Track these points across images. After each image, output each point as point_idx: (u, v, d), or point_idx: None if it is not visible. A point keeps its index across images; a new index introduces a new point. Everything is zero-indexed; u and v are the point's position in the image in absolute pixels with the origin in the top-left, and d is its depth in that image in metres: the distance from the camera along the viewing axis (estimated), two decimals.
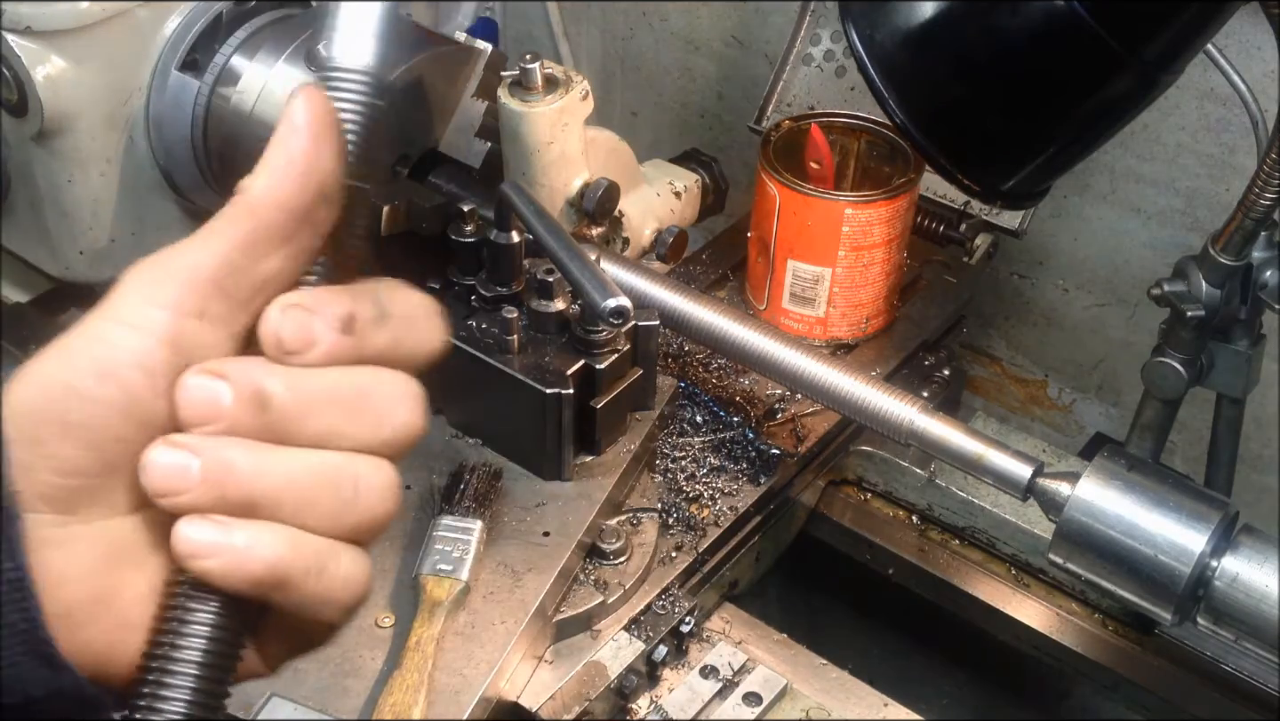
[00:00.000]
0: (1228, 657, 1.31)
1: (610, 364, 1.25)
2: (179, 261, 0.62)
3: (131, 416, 0.56)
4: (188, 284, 0.61)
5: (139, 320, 0.59)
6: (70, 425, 0.55)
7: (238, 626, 0.56)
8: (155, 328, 0.58)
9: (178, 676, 0.55)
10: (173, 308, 0.59)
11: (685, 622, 1.22)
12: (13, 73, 1.36)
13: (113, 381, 0.56)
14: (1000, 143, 1.18)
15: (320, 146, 0.60)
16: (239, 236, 0.62)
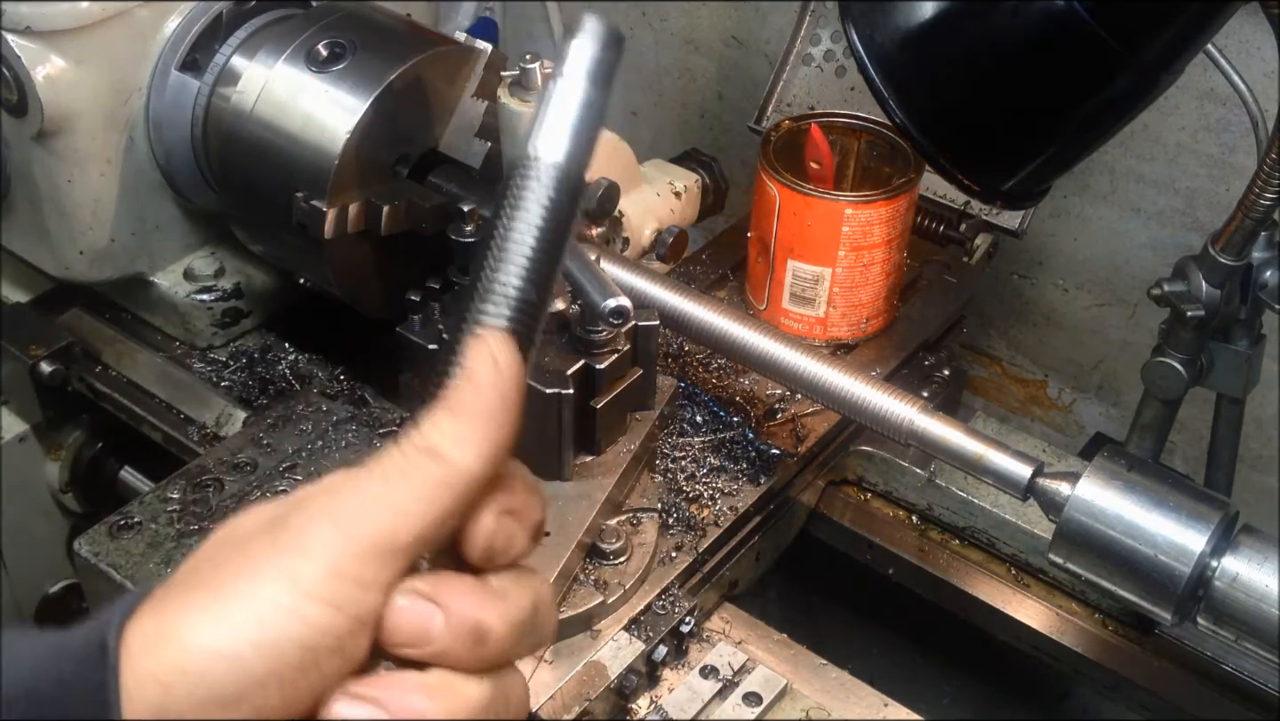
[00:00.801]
0: (1228, 657, 1.30)
1: (610, 364, 1.25)
2: (369, 525, 0.57)
3: (295, 690, 0.54)
4: (381, 556, 0.56)
5: (327, 594, 0.55)
6: (226, 702, 0.53)
7: None
8: (347, 604, 0.55)
9: None
10: (368, 585, 0.56)
11: (685, 622, 1.22)
12: (13, 73, 1.36)
13: (286, 657, 0.54)
14: (1000, 143, 1.18)
15: (512, 410, 0.60)
16: (437, 513, 0.58)
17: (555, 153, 0.63)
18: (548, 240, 0.63)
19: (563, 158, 0.63)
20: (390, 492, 0.57)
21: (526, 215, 0.63)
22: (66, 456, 1.61)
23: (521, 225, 0.63)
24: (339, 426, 1.38)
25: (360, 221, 1.36)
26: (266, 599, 0.54)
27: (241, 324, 1.58)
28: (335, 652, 0.55)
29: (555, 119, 0.63)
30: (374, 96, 1.33)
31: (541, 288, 0.63)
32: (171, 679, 0.53)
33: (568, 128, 0.63)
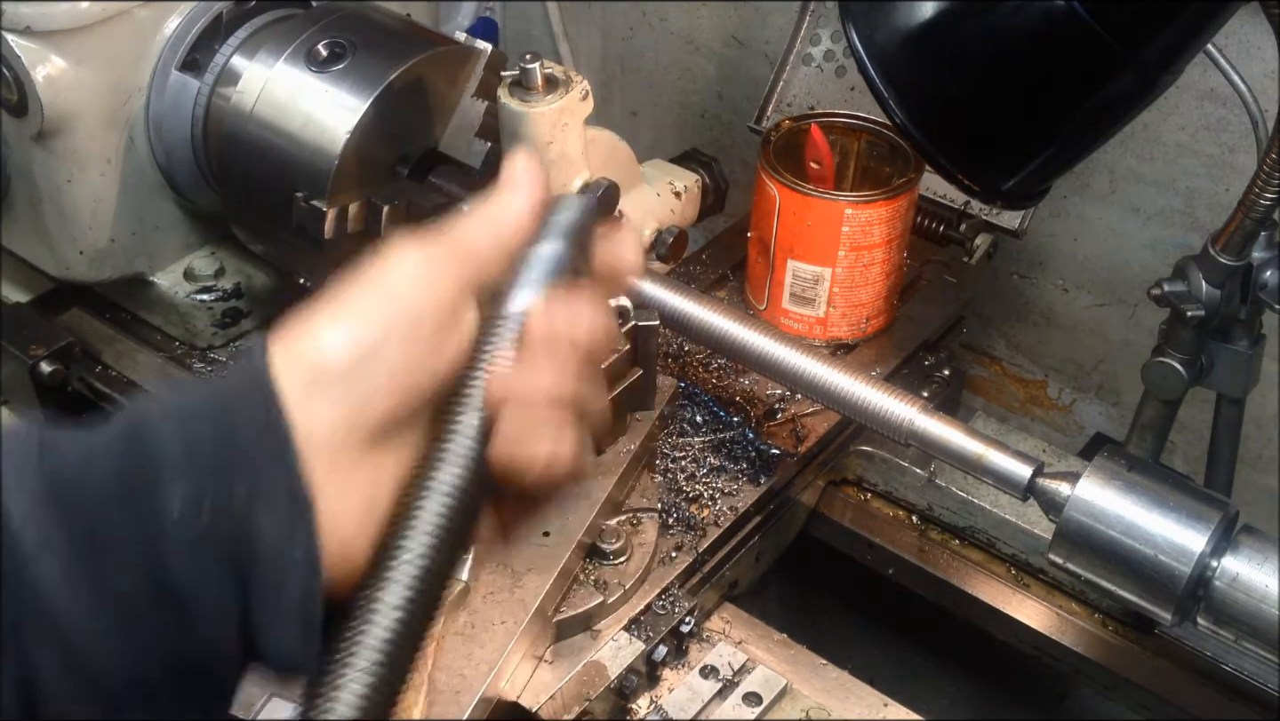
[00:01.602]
0: (1228, 657, 1.30)
1: (610, 364, 1.24)
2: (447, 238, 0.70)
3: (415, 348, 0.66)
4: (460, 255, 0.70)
5: (423, 277, 0.68)
6: (361, 358, 0.65)
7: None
8: (439, 284, 0.68)
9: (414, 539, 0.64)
10: (454, 272, 0.68)
11: (685, 622, 1.22)
12: (13, 73, 1.36)
13: (399, 328, 0.66)
14: (1000, 143, 1.18)
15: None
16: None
17: (518, 306, 0.70)
18: None
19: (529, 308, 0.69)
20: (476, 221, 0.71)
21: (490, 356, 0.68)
22: None
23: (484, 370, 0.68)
24: None
25: (360, 221, 1.36)
26: (377, 296, 0.67)
27: (241, 324, 1.58)
28: (446, 314, 0.67)
29: (529, 277, 0.71)
30: (374, 96, 1.33)
31: None
32: (312, 377, 0.64)
33: (537, 284, 0.70)
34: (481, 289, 0.69)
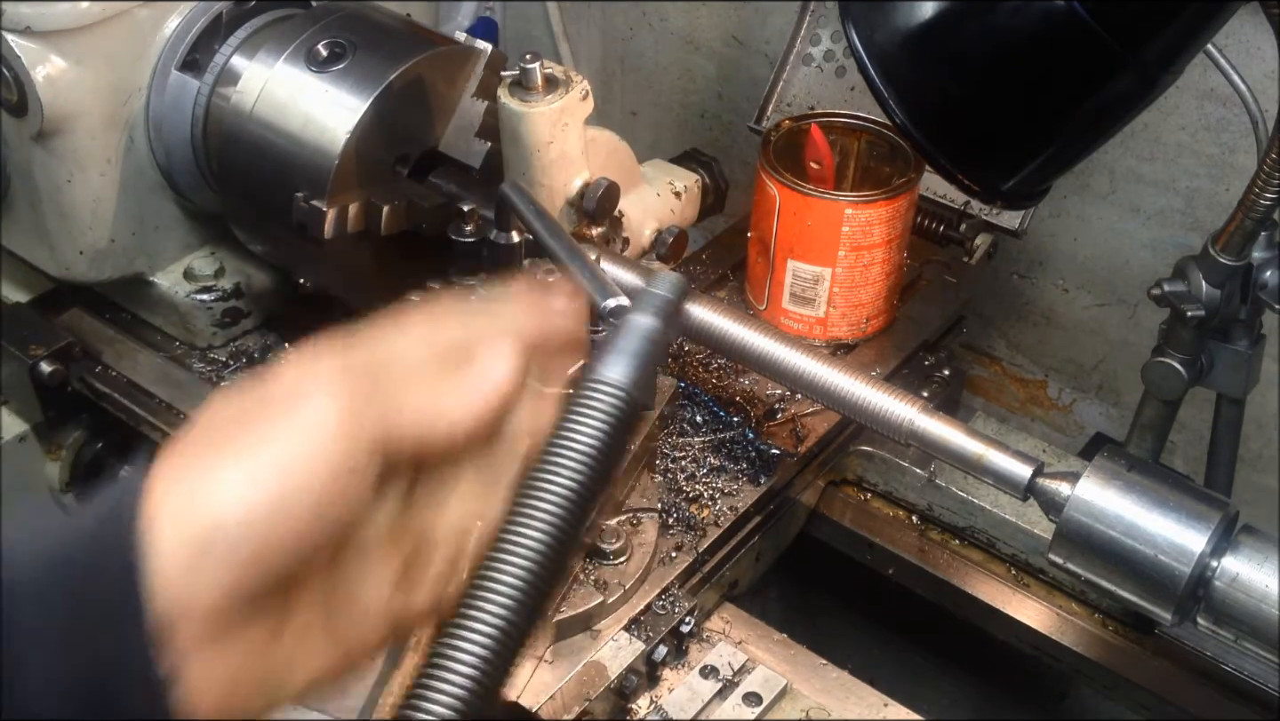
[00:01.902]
0: (1228, 657, 1.30)
1: None
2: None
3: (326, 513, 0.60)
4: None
5: (338, 431, 0.60)
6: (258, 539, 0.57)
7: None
8: (358, 440, 0.61)
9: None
10: (372, 422, 0.62)
11: (685, 622, 1.22)
12: (13, 73, 1.36)
13: (307, 494, 0.59)
14: (1000, 143, 1.18)
15: None
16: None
17: (616, 374, 0.71)
18: (604, 455, 0.69)
19: (624, 380, 0.71)
20: (412, 393, 0.64)
21: (586, 429, 0.69)
22: (66, 456, 1.61)
23: (580, 439, 0.69)
24: None
25: (360, 221, 1.36)
26: (285, 444, 0.59)
27: (241, 324, 1.58)
28: (355, 474, 0.60)
29: (625, 346, 0.72)
30: (374, 96, 1.33)
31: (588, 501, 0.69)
32: (205, 535, 0.56)
33: (632, 355, 0.72)
34: (394, 453, 0.63)
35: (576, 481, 0.67)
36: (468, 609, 0.64)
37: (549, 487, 0.67)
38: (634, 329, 0.73)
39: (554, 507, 0.66)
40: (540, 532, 0.65)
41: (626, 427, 0.71)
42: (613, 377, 0.70)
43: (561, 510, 0.66)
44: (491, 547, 0.66)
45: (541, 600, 0.65)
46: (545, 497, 0.66)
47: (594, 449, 0.68)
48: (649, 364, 0.72)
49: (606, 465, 0.69)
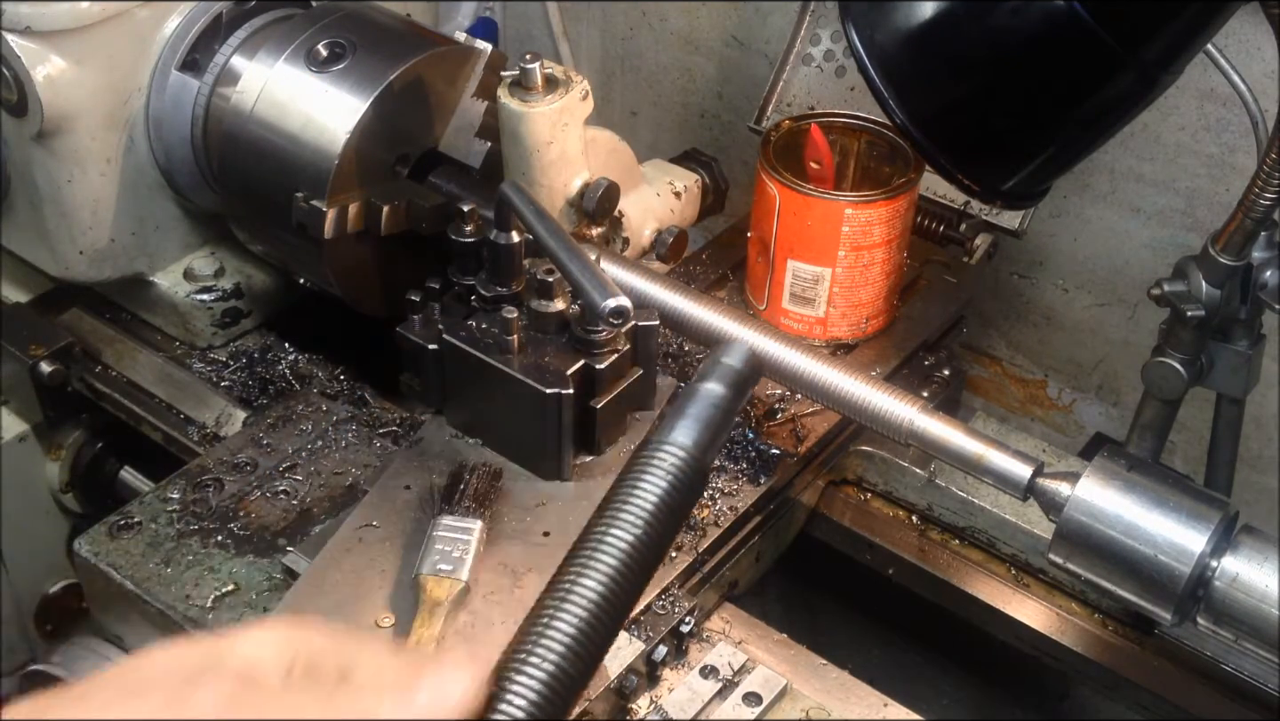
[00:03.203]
0: (1228, 657, 1.30)
1: (610, 364, 1.25)
2: None
3: None
4: None
5: None
6: None
7: None
8: None
9: None
10: None
11: (685, 622, 1.22)
12: (13, 73, 1.36)
13: None
14: (1000, 143, 1.18)
15: None
16: None
17: (687, 438, 0.74)
18: (666, 521, 0.71)
19: (692, 445, 0.73)
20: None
21: (649, 492, 0.71)
22: (66, 456, 1.61)
23: (642, 501, 0.71)
24: (339, 426, 1.38)
25: (360, 221, 1.36)
26: None
27: (241, 324, 1.58)
28: None
29: (693, 411, 0.75)
30: (374, 96, 1.33)
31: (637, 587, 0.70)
32: None
33: (700, 420, 0.75)
34: None
35: (637, 538, 0.69)
36: (527, 653, 0.65)
37: (611, 544, 0.68)
38: (703, 396, 0.77)
39: (614, 562, 0.68)
40: (601, 585, 0.67)
41: (690, 488, 0.73)
42: (679, 440, 0.73)
43: (621, 567, 0.68)
44: (551, 599, 0.66)
45: (598, 652, 0.67)
46: (606, 553, 0.68)
47: (656, 507, 0.70)
48: (715, 431, 0.75)
49: (670, 523, 0.71)
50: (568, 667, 0.65)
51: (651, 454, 0.73)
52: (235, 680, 0.60)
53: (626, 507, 0.70)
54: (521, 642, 0.66)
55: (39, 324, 1.56)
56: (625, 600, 0.69)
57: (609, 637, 0.68)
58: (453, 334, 1.27)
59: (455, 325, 1.27)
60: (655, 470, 0.72)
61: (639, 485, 0.71)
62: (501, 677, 0.65)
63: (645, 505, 0.71)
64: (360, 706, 0.60)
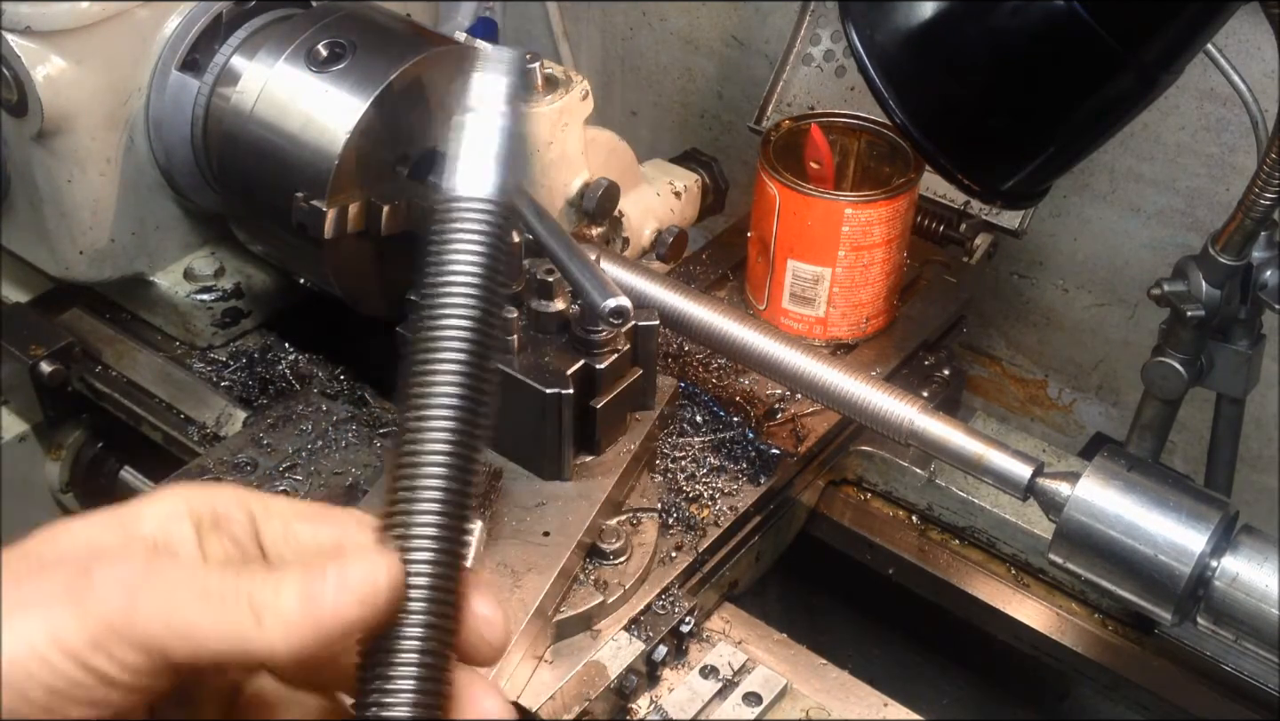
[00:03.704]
0: (1228, 657, 1.30)
1: (610, 364, 1.25)
2: (156, 625, 0.58)
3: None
4: (150, 656, 0.58)
5: (80, 657, 0.57)
6: None
7: None
8: (94, 673, 0.57)
9: None
10: (123, 667, 0.58)
11: (685, 622, 1.22)
12: (13, 73, 1.36)
13: (30, 695, 0.57)
14: (1000, 143, 1.18)
15: (357, 631, 0.61)
16: (224, 656, 0.59)
17: (485, 187, 0.63)
18: (489, 288, 0.62)
19: (494, 190, 0.63)
20: (196, 610, 0.57)
21: (464, 261, 0.62)
22: (66, 456, 1.61)
23: (461, 277, 0.62)
24: (339, 426, 1.38)
25: (360, 221, 1.36)
26: (29, 636, 0.56)
27: (241, 324, 1.58)
28: (78, 705, 0.57)
29: (479, 152, 0.63)
30: (374, 96, 1.33)
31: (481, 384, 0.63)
32: None
33: (494, 159, 0.63)
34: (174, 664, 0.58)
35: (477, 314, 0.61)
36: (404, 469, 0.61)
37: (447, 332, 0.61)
38: (487, 128, 0.64)
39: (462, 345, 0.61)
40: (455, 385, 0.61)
41: (507, 247, 0.64)
42: (482, 191, 0.62)
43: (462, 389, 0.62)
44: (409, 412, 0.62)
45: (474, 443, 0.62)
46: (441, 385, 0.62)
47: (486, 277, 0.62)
48: (517, 166, 0.64)
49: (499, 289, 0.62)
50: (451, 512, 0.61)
51: (452, 219, 0.62)
52: (144, 555, 0.59)
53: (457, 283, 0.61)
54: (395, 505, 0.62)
55: (39, 324, 1.56)
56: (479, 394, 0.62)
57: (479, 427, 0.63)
58: None
59: None
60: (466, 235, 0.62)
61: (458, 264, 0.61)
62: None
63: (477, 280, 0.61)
64: (269, 590, 0.58)
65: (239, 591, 0.58)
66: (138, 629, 0.56)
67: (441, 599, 0.62)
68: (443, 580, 0.62)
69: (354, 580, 0.59)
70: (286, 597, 0.58)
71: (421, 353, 0.63)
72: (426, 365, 0.63)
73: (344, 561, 0.60)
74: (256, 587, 0.58)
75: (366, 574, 0.59)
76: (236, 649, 0.58)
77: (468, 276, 0.62)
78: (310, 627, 0.58)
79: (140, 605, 0.56)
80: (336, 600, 0.58)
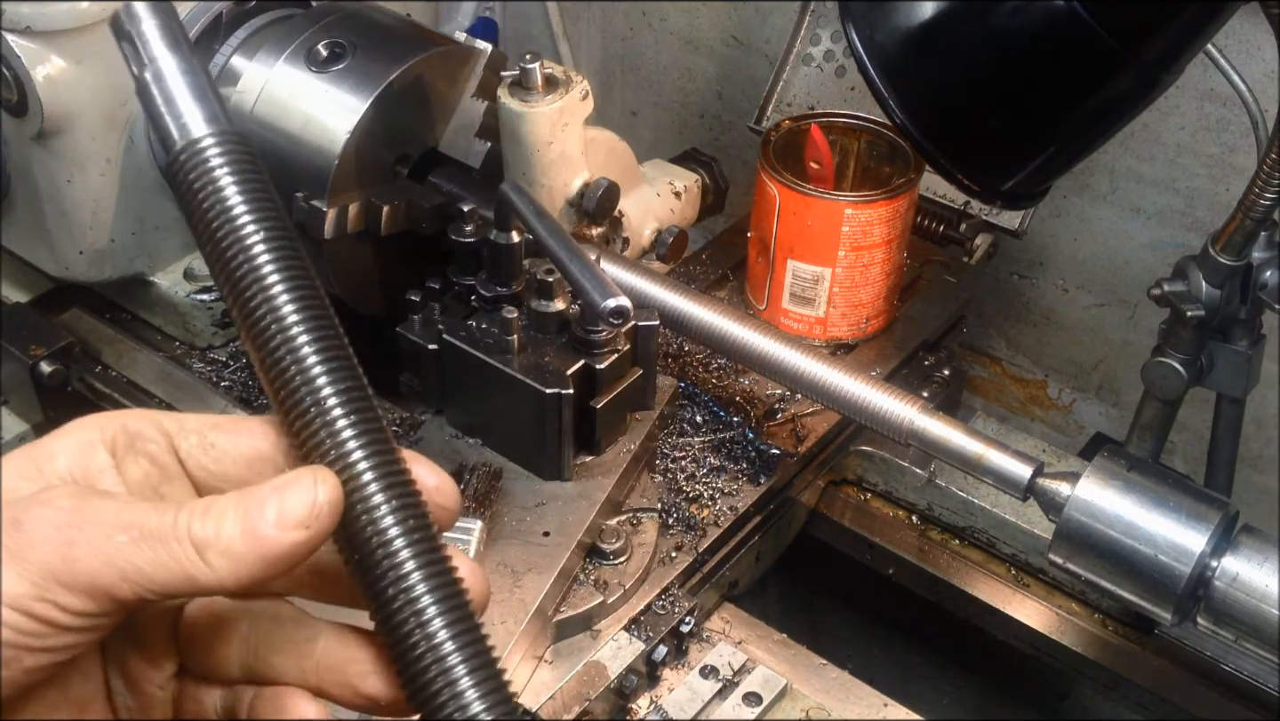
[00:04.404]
0: (1228, 657, 1.31)
1: (610, 364, 1.25)
2: (96, 568, 0.57)
3: None
4: (96, 599, 0.57)
5: (24, 607, 0.56)
6: None
7: None
8: (42, 622, 0.57)
9: None
10: (70, 613, 0.57)
11: (685, 622, 1.22)
12: (13, 73, 1.36)
13: None
14: (1000, 143, 1.18)
15: (299, 560, 0.59)
16: (168, 591, 0.58)
17: (199, 127, 0.59)
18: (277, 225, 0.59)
19: (209, 128, 0.59)
20: (137, 552, 0.56)
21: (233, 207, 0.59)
22: None
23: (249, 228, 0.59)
24: None
25: (360, 221, 1.36)
26: None
27: None
28: (31, 654, 0.56)
29: (177, 100, 0.60)
30: (374, 96, 1.33)
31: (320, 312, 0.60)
32: None
33: (192, 100, 0.60)
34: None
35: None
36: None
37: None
38: (170, 77, 0.60)
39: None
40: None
41: (262, 174, 0.60)
42: (199, 132, 0.59)
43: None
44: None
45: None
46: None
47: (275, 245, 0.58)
48: (211, 97, 0.60)
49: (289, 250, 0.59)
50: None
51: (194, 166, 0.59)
52: (71, 496, 0.57)
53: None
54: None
55: (39, 324, 1.56)
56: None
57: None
58: (453, 334, 1.27)
59: (455, 325, 1.27)
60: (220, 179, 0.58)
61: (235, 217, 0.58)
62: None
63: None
64: (210, 525, 0.57)
65: (178, 528, 0.57)
66: (80, 575, 0.55)
67: (399, 487, 0.60)
68: (387, 468, 0.60)
69: (293, 506, 0.57)
70: (228, 531, 0.57)
71: (238, 287, 0.59)
72: (250, 292, 0.59)
73: (281, 487, 0.58)
74: (196, 522, 0.57)
75: (304, 497, 0.58)
76: (183, 586, 0.57)
77: (237, 204, 0.59)
78: (256, 559, 0.57)
79: (79, 551, 0.55)
80: (280, 528, 0.57)
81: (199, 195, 0.59)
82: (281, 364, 0.59)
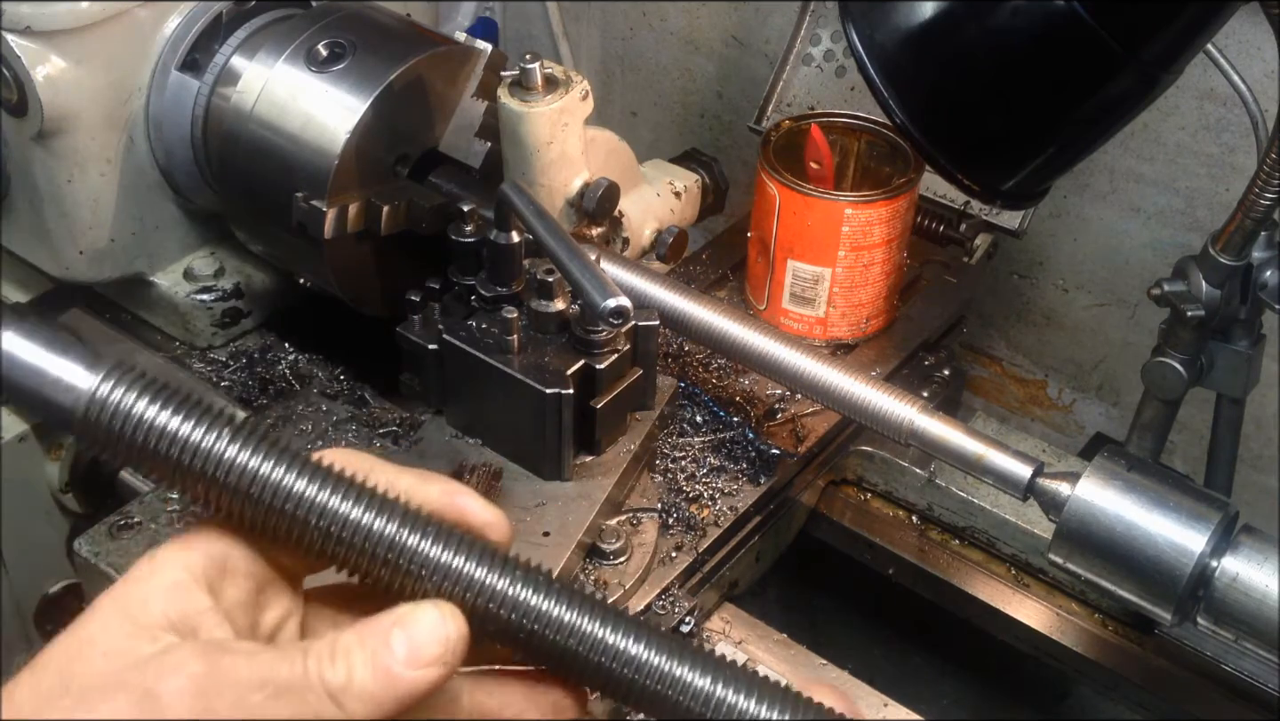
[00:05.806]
0: (1228, 657, 1.30)
1: (610, 364, 1.25)
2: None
3: None
4: None
5: None
6: None
7: None
8: None
9: None
10: None
11: (685, 622, 1.22)
12: (13, 73, 1.36)
13: None
14: (1000, 143, 1.18)
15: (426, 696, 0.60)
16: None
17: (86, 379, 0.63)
18: None
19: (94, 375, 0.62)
20: (274, 707, 0.57)
21: None
22: (66, 456, 1.61)
23: None
24: (339, 426, 1.38)
25: (360, 221, 1.36)
26: None
27: (241, 324, 1.58)
28: None
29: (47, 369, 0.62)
30: (374, 96, 1.33)
31: None
32: None
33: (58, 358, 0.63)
34: None
35: None
36: None
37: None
38: None
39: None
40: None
41: None
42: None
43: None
44: None
45: None
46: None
47: None
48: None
49: None
50: None
51: None
52: (195, 657, 0.57)
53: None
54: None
55: None
56: None
57: None
58: (453, 334, 1.27)
59: (455, 325, 1.27)
60: None
61: None
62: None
63: None
64: (340, 671, 0.57)
65: (309, 676, 0.57)
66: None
67: (495, 566, 0.62)
68: (481, 558, 0.62)
69: (423, 641, 0.58)
70: (359, 675, 0.57)
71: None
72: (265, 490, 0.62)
73: (403, 622, 0.58)
74: (326, 669, 0.57)
75: (434, 631, 0.59)
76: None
77: None
78: (391, 699, 0.57)
79: (220, 716, 0.55)
80: (412, 666, 0.58)
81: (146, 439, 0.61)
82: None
